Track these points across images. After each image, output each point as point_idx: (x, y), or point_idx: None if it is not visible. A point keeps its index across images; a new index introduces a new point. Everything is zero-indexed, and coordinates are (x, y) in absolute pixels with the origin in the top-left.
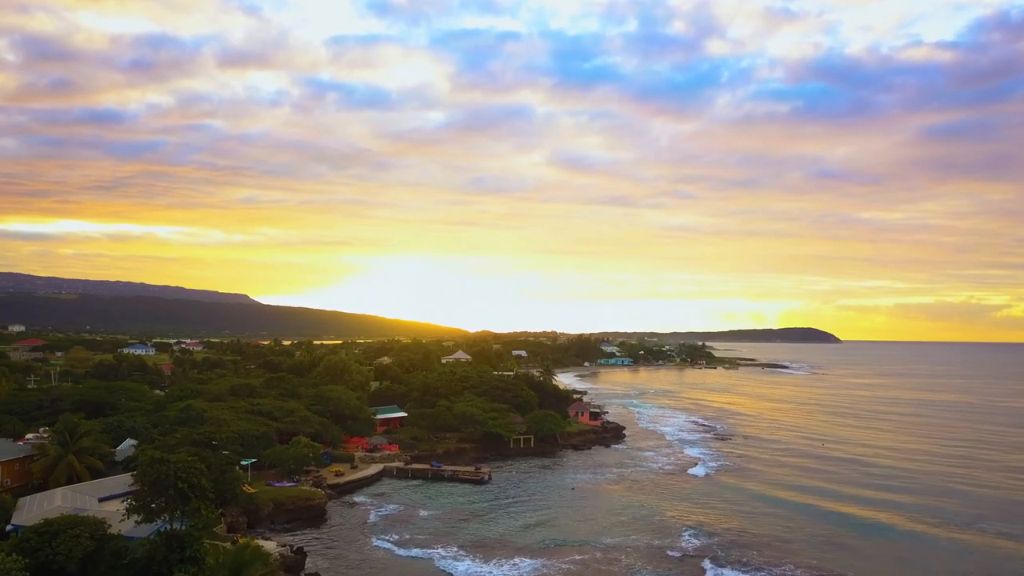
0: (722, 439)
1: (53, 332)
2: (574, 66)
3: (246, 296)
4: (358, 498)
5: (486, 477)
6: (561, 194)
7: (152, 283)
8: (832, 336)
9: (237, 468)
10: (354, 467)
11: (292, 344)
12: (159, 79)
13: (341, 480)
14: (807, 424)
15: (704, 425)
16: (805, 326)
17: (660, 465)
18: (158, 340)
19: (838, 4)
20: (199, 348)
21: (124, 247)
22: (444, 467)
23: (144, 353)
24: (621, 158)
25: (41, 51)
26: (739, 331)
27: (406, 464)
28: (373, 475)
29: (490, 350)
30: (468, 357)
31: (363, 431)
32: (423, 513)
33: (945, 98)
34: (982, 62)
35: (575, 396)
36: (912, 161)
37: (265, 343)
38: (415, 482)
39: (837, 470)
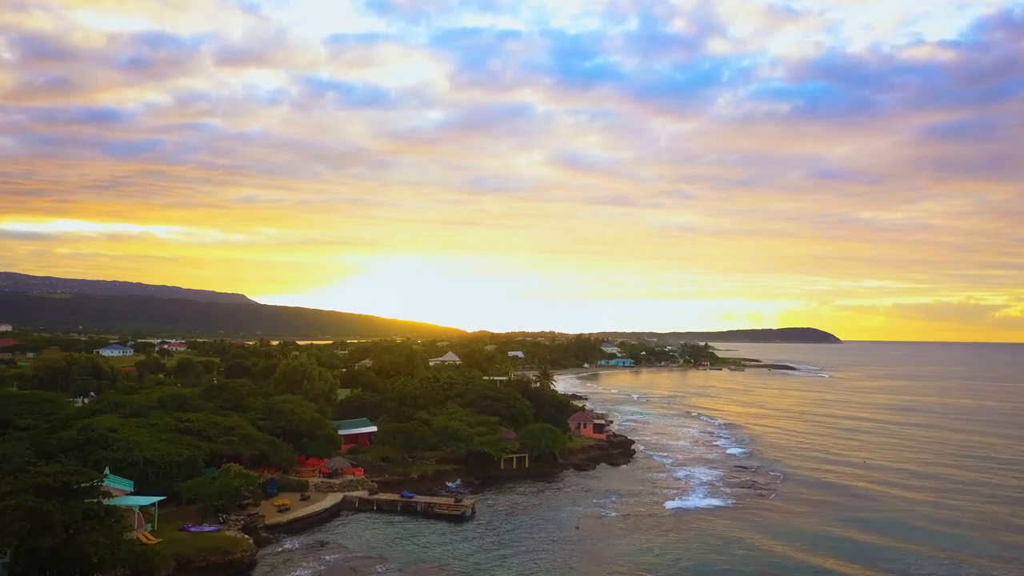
0: (743, 457)
1: (42, 332)
2: (574, 65)
3: (243, 296)
4: (301, 542)
5: (468, 511)
6: (560, 194)
7: (150, 283)
8: (832, 336)
9: (137, 512)
10: (305, 498)
11: (278, 344)
12: (157, 78)
13: (284, 518)
14: (836, 440)
15: (720, 438)
16: (804, 326)
17: (678, 492)
18: (143, 340)
19: (840, 3)
20: (182, 348)
21: (122, 247)
22: (417, 497)
23: (121, 354)
24: (621, 158)
25: (38, 49)
26: (738, 331)
27: (371, 493)
28: (328, 509)
29: (481, 352)
30: (458, 359)
31: (323, 451)
32: (380, 568)
33: (946, 97)
34: (984, 61)
35: (576, 405)
36: (912, 161)
37: (251, 343)
38: (380, 517)
39: (898, 518)
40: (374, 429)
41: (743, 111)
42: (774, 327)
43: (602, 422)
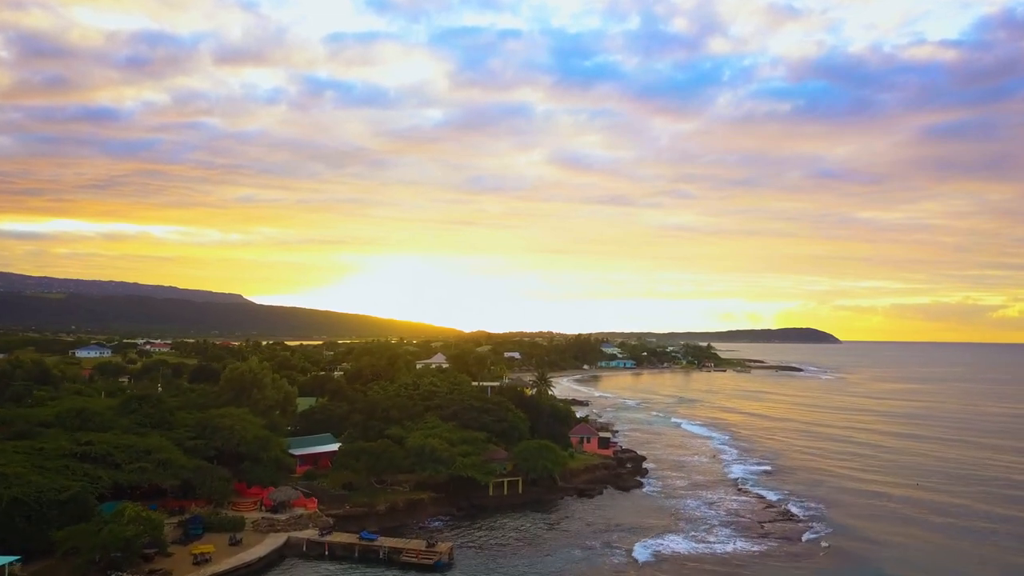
0: (768, 480)
1: (31, 332)
2: (575, 64)
3: (240, 296)
4: None
5: (444, 558)
6: (560, 193)
7: (147, 283)
8: (832, 336)
9: None
10: (236, 542)
11: (251, 344)
12: (155, 76)
13: (201, 574)
14: (871, 460)
15: (738, 455)
16: (802, 326)
17: (699, 529)
18: (129, 340)
19: (841, 2)
20: (165, 349)
21: (119, 247)
22: (380, 539)
23: (99, 355)
24: (620, 157)
25: (36, 48)
26: (737, 331)
27: (322, 533)
28: (265, 556)
29: (471, 354)
30: (446, 362)
31: (268, 477)
32: None
33: (947, 97)
34: (986, 60)
35: (578, 416)
36: (913, 161)
37: (235, 343)
38: (332, 566)
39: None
40: (336, 446)
41: (743, 111)
42: (773, 327)
43: (608, 435)
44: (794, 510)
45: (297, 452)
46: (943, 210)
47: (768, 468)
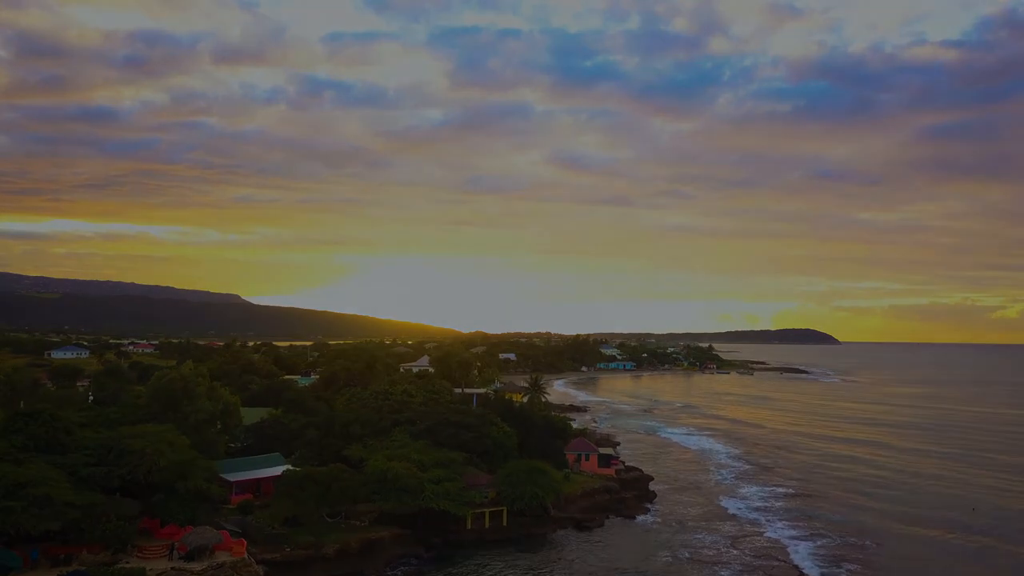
0: (802, 501)
1: (20, 332)
2: (574, 64)
3: (237, 296)
4: None
5: None
6: (558, 193)
7: (144, 283)
8: (832, 337)
9: None
10: None
11: (254, 346)
12: (153, 76)
13: None
14: (911, 477)
15: (759, 472)
16: (800, 327)
17: (735, 571)
18: (115, 340)
19: (842, 1)
20: (149, 350)
21: (117, 246)
22: None
23: (76, 356)
24: (620, 157)
25: (33, 47)
26: (736, 332)
27: None
28: None
29: (455, 357)
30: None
31: (185, 512)
32: None
33: (948, 97)
34: (987, 61)
35: (576, 427)
36: (912, 161)
37: (219, 344)
38: None
39: None
40: (281, 470)
41: (743, 111)
42: (771, 328)
43: (610, 451)
44: (833, 550)
45: (234, 478)
46: (941, 211)
47: (791, 491)
